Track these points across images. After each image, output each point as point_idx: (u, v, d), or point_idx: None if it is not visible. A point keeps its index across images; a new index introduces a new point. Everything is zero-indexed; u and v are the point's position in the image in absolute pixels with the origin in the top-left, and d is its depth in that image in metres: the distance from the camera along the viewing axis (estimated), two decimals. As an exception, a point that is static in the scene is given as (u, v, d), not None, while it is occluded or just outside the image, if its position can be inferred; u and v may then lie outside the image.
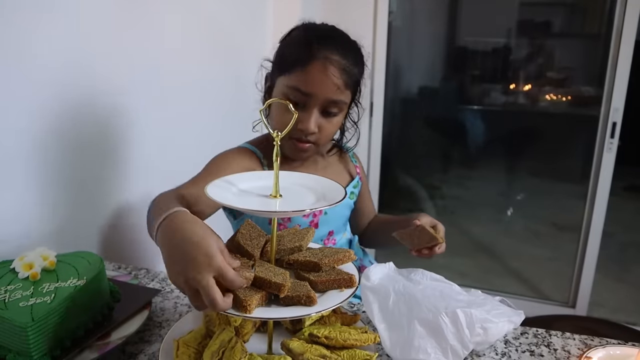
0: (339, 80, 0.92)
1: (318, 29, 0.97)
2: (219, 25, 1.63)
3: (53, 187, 1.01)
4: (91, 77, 1.09)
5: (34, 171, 0.97)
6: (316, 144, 0.98)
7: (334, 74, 0.91)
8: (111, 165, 1.18)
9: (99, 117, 1.12)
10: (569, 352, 0.78)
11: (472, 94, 2.84)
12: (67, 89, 1.02)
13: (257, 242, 0.74)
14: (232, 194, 0.67)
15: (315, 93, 0.91)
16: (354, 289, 0.66)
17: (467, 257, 2.76)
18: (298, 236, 0.75)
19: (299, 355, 0.67)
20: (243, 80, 1.76)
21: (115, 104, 1.17)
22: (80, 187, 1.08)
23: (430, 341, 0.69)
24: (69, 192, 1.05)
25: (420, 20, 2.80)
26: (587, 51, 2.62)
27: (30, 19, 0.92)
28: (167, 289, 0.96)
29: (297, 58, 0.92)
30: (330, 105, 0.94)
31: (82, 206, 1.09)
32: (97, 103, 1.11)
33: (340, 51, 0.93)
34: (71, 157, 1.05)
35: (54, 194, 1.02)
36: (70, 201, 1.06)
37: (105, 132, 1.15)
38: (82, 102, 1.06)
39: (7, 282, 0.72)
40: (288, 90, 0.93)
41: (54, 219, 1.02)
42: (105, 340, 0.74)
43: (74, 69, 1.03)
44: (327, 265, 0.68)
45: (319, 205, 0.64)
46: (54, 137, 1.00)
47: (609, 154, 2.09)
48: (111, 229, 1.19)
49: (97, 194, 1.14)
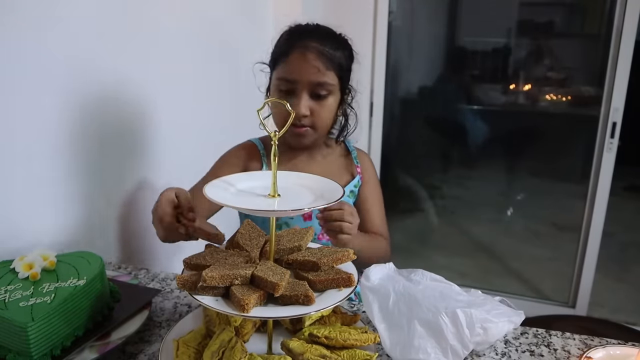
0: (317, 62, 1.00)
1: (300, 26, 1.08)
2: (219, 25, 1.63)
3: (53, 187, 1.01)
4: (97, 79, 1.09)
5: (34, 171, 0.97)
6: (313, 128, 1.05)
7: (312, 58, 1.00)
8: (111, 165, 1.18)
9: (102, 119, 1.12)
10: (569, 352, 0.78)
11: (472, 94, 2.84)
12: (69, 91, 1.02)
13: (256, 242, 0.74)
14: (231, 194, 0.67)
15: (299, 79, 1.01)
16: (353, 289, 0.66)
17: (467, 257, 2.76)
18: (297, 236, 0.75)
19: (299, 355, 0.67)
20: (245, 78, 1.76)
21: (119, 105, 1.17)
22: (80, 187, 1.08)
23: (430, 341, 0.69)
24: (68, 192, 1.05)
25: (420, 20, 2.80)
26: (587, 51, 2.62)
27: (47, 21, 0.92)
28: (167, 289, 0.96)
29: (280, 52, 1.04)
30: (317, 88, 1.02)
31: (82, 206, 1.09)
32: (100, 104, 1.11)
33: (317, 38, 1.02)
34: (72, 158, 1.05)
35: (54, 194, 1.02)
36: (70, 201, 1.06)
37: (107, 133, 1.15)
38: (85, 103, 1.06)
39: (7, 282, 0.72)
40: (277, 82, 1.04)
41: (54, 218, 1.02)
42: (105, 340, 0.74)
43: (79, 72, 1.03)
44: (326, 264, 0.68)
45: (317, 204, 0.64)
46: (52, 136, 1.00)
47: (609, 154, 2.09)
48: (111, 229, 1.19)
49: (97, 194, 1.14)
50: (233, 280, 0.63)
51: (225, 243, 0.77)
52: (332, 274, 0.67)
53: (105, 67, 1.12)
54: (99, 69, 1.10)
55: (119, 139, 1.19)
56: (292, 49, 1.01)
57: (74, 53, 1.03)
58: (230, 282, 0.63)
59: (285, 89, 1.02)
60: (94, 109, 1.10)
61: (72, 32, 1.02)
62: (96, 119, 1.11)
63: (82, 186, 1.09)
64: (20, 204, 0.94)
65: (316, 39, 1.02)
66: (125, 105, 1.20)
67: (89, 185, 1.11)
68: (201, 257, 0.69)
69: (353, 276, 0.66)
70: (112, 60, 1.14)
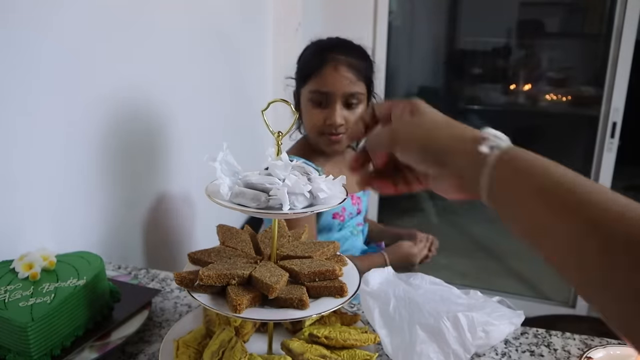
0: (349, 74, 1.10)
1: (324, 41, 1.18)
2: (220, 27, 1.63)
3: (53, 187, 1.01)
4: (107, 82, 1.09)
5: (34, 171, 0.97)
6: (345, 135, 1.16)
7: (344, 71, 1.10)
8: (112, 165, 1.18)
9: (108, 121, 1.12)
10: (569, 352, 0.77)
11: (472, 94, 2.84)
12: (72, 94, 1.02)
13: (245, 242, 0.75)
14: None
15: (333, 90, 1.11)
16: (348, 297, 0.65)
17: (467, 257, 2.76)
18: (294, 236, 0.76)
19: (299, 355, 0.67)
20: (246, 81, 1.76)
21: (137, 111, 1.17)
22: (80, 187, 1.08)
23: (432, 346, 0.68)
24: (68, 192, 1.05)
25: (420, 20, 2.80)
26: (587, 51, 2.62)
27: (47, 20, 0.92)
28: (167, 289, 0.96)
29: (312, 66, 1.13)
30: (349, 98, 1.12)
31: (82, 206, 1.09)
32: (117, 109, 1.11)
33: (345, 52, 1.12)
34: (71, 157, 1.05)
35: (54, 193, 1.02)
36: (71, 201, 1.06)
37: (113, 136, 1.14)
38: (99, 109, 1.06)
39: (7, 282, 0.72)
40: (311, 95, 1.13)
41: (54, 218, 1.02)
42: (105, 340, 0.74)
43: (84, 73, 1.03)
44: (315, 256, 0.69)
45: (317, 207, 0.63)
46: (54, 137, 1.00)
47: (609, 153, 2.09)
48: (111, 228, 1.19)
49: (97, 194, 1.14)
50: (230, 280, 0.63)
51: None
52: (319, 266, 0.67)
53: (116, 70, 1.12)
54: (109, 72, 1.10)
55: (126, 143, 1.19)
56: (324, 63, 1.11)
57: (74, 55, 1.03)
58: (227, 281, 0.63)
59: (319, 101, 1.13)
60: (96, 110, 1.10)
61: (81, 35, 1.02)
62: (96, 120, 1.11)
63: (82, 186, 1.09)
64: (20, 204, 0.94)
65: (344, 53, 1.12)
66: (125, 106, 1.20)
67: (89, 186, 1.11)
68: (205, 254, 0.69)
69: (346, 286, 0.65)
70: (121, 64, 1.14)
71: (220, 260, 0.67)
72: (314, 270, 0.65)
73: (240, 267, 0.65)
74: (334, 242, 0.73)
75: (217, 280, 0.62)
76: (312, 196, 0.62)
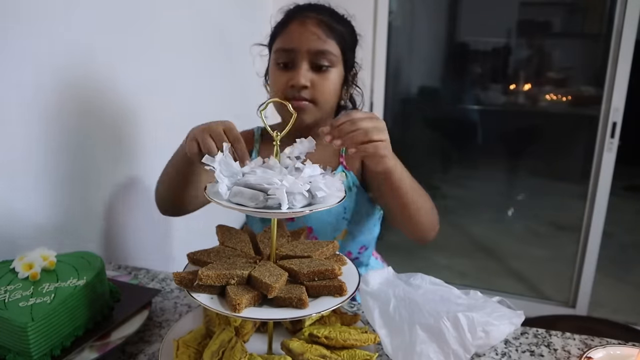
0: (317, 29, 0.94)
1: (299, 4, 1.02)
2: (218, 21, 1.63)
3: (53, 187, 1.01)
4: (93, 75, 1.09)
5: (34, 171, 0.97)
6: (314, 103, 0.96)
7: (312, 25, 0.94)
8: (112, 165, 1.18)
9: (102, 117, 1.12)
10: (569, 352, 0.77)
11: (472, 94, 2.84)
12: (69, 88, 1.02)
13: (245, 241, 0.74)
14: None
15: (297, 47, 0.94)
16: (347, 297, 0.65)
17: (467, 257, 2.76)
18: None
19: (299, 355, 0.67)
20: (244, 73, 1.76)
21: (118, 103, 1.17)
22: (80, 187, 1.08)
23: (432, 346, 0.68)
24: (69, 192, 1.05)
25: (420, 20, 2.80)
26: (587, 51, 2.62)
27: (35, 20, 0.92)
28: (167, 289, 0.96)
29: (279, 25, 0.99)
30: (317, 57, 0.94)
31: (82, 206, 1.09)
32: (99, 102, 1.11)
33: (316, 10, 0.98)
34: (71, 157, 1.05)
35: (54, 193, 1.02)
36: (71, 201, 1.06)
37: (107, 131, 1.14)
38: (83, 101, 1.06)
39: (7, 282, 0.72)
40: (275, 55, 0.97)
41: (54, 218, 1.02)
42: (105, 340, 0.74)
43: (76, 69, 1.03)
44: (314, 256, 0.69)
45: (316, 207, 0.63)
46: (54, 136, 1.00)
47: (609, 153, 2.09)
48: (111, 228, 1.19)
49: (98, 194, 1.14)
50: (229, 280, 0.63)
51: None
52: (318, 265, 0.67)
53: (101, 63, 1.11)
54: (94, 65, 1.09)
55: (121, 138, 1.19)
56: (290, 19, 0.96)
57: (68, 47, 1.03)
58: (227, 281, 0.63)
59: (283, 61, 0.95)
60: (97, 108, 1.10)
61: (68, 26, 1.01)
62: (98, 118, 1.11)
63: (82, 186, 1.09)
64: (20, 204, 0.94)
65: (315, 10, 0.97)
66: (121, 102, 1.20)
67: (89, 185, 1.11)
68: (205, 254, 0.69)
69: (345, 285, 0.65)
70: (108, 56, 1.13)
71: (220, 260, 0.67)
72: (313, 270, 0.65)
73: (240, 267, 0.65)
74: (333, 242, 0.73)
75: (217, 280, 0.62)
76: (311, 195, 0.63)
